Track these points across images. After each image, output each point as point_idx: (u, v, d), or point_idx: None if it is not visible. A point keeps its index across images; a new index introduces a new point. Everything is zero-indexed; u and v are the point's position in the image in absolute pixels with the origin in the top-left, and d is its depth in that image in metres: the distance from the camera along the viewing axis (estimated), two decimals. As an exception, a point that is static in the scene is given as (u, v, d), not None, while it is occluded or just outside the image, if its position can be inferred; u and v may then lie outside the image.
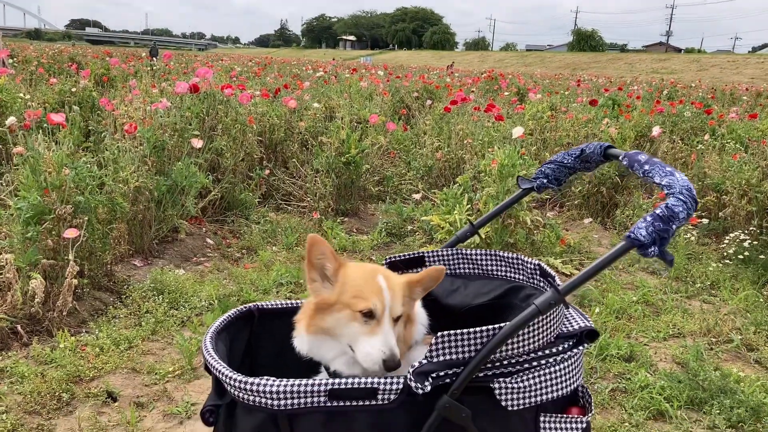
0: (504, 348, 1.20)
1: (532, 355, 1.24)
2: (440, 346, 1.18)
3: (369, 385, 1.16)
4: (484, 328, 1.18)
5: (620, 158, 1.40)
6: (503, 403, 1.21)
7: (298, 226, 4.99)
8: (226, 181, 5.01)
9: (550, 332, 1.26)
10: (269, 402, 1.14)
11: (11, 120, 4.43)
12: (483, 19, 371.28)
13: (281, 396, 1.13)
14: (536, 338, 1.23)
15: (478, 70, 47.16)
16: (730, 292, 4.03)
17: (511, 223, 3.90)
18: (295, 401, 1.14)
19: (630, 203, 5.39)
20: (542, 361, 1.24)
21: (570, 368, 1.28)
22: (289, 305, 1.60)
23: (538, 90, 13.87)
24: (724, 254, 4.58)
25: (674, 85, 19.58)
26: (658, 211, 1.16)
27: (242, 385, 1.15)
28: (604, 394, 2.72)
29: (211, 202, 4.90)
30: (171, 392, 2.60)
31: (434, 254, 1.67)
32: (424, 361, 1.18)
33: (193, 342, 2.86)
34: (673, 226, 1.16)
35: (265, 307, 1.58)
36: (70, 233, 3.03)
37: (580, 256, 4.68)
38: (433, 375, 1.16)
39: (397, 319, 1.35)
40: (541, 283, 1.49)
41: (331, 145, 5.58)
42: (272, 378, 1.15)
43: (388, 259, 1.65)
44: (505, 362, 1.22)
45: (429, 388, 1.15)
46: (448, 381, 1.18)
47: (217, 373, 1.21)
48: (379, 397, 1.16)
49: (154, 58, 23.76)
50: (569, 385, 1.28)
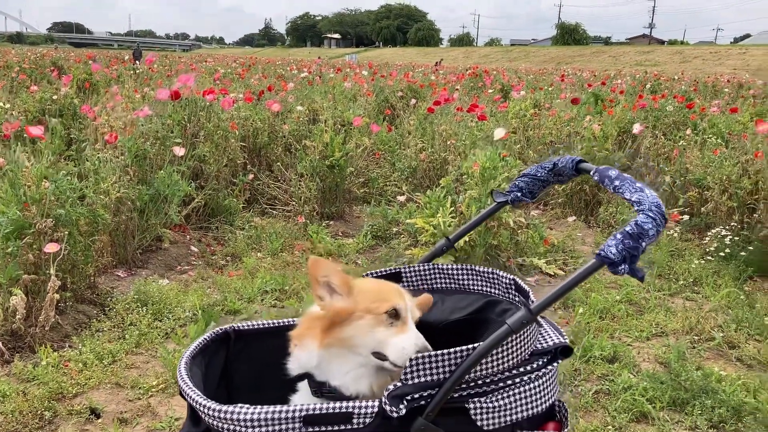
0: (478, 368, 1.20)
1: (507, 373, 1.24)
2: (414, 368, 1.18)
3: (344, 410, 1.16)
4: (458, 349, 1.18)
5: (591, 173, 1.41)
6: (479, 423, 1.21)
7: (283, 231, 4.98)
8: (210, 188, 4.99)
9: (524, 350, 1.27)
10: (244, 430, 1.14)
11: (-11, 132, 4.41)
12: (467, 14, 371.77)
13: (255, 424, 1.13)
14: (510, 357, 1.24)
15: (464, 66, 47.22)
16: (712, 288, 4.07)
17: (494, 225, 3.91)
18: (270, 428, 1.14)
19: (613, 200, 5.43)
20: (517, 380, 1.25)
21: (545, 385, 1.28)
22: (267, 325, 1.60)
23: (522, 86, 13.92)
24: (707, 250, 4.61)
25: (657, 78, 19.70)
26: (627, 229, 1.17)
27: (216, 414, 1.15)
28: (588, 396, 2.74)
29: (194, 210, 4.89)
30: (155, 407, 2.59)
31: (411, 269, 1.68)
32: (399, 384, 1.18)
33: (176, 355, 2.84)
34: (643, 244, 1.17)
35: (241, 328, 1.57)
36: (51, 248, 3.00)
37: (565, 256, 4.71)
38: (408, 398, 1.16)
39: None
40: (517, 298, 1.50)
41: (315, 149, 5.57)
42: (246, 405, 1.15)
43: (365, 274, 1.65)
44: (479, 382, 1.23)
45: (404, 412, 1.15)
46: (423, 403, 1.19)
47: (191, 401, 1.21)
48: (354, 421, 1.16)
49: (137, 61, 23.63)
50: (545, 402, 1.29)
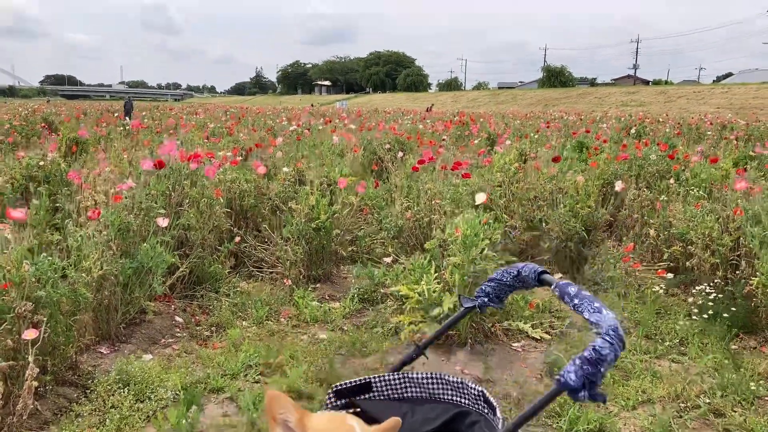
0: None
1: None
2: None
3: None
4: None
5: (552, 287, 1.43)
6: None
7: (269, 298, 4.96)
8: (195, 256, 4.99)
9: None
10: None
11: (-26, 206, 4.41)
12: (455, 59, 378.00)
13: None
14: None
15: (452, 110, 47.92)
16: (698, 349, 4.06)
17: (478, 293, 3.91)
18: None
19: (598, 258, 5.45)
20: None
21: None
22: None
23: (508, 134, 14.11)
24: (692, 308, 4.62)
25: (642, 121, 20.01)
26: (586, 354, 1.18)
27: None
28: (574, 475, 2.71)
29: (179, 279, 4.87)
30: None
31: (381, 379, 1.67)
32: None
33: (156, 442, 2.80)
34: (602, 369, 1.18)
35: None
36: (30, 335, 2.98)
37: (551, 317, 4.70)
38: None
39: None
40: (485, 410, 1.50)
41: (300, 212, 5.59)
42: None
43: (335, 387, 1.65)
44: None
45: None
46: None
47: None
48: None
49: (127, 117, 23.87)
50: None
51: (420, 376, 1.64)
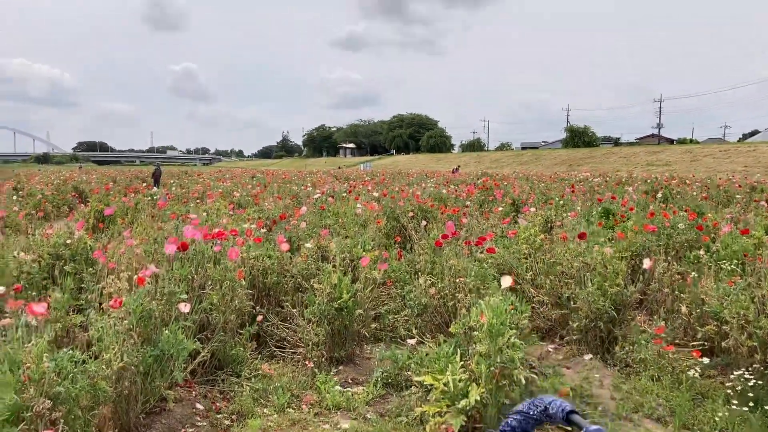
0: None
1: None
2: None
3: None
4: None
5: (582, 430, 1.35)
6: None
7: (290, 383, 4.87)
8: (216, 340, 4.93)
9: None
10: None
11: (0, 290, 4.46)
12: (477, 120, 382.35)
13: None
14: None
15: (476, 171, 48.16)
16: (740, 442, 3.85)
17: (506, 384, 3.79)
18: None
19: (629, 337, 5.28)
20: None
21: None
22: None
23: (532, 199, 14.05)
24: (731, 394, 4.41)
25: (668, 184, 19.82)
26: None
27: None
28: None
29: (200, 364, 4.81)
30: None
31: None
32: None
33: None
34: None
35: None
36: (46, 437, 2.93)
37: (582, 403, 4.53)
38: None
39: None
40: None
41: (322, 291, 5.54)
42: None
43: None
44: None
45: None
46: None
47: None
48: None
49: (156, 184, 24.36)
50: None
51: None
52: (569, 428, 1.45)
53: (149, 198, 14.39)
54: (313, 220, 9.63)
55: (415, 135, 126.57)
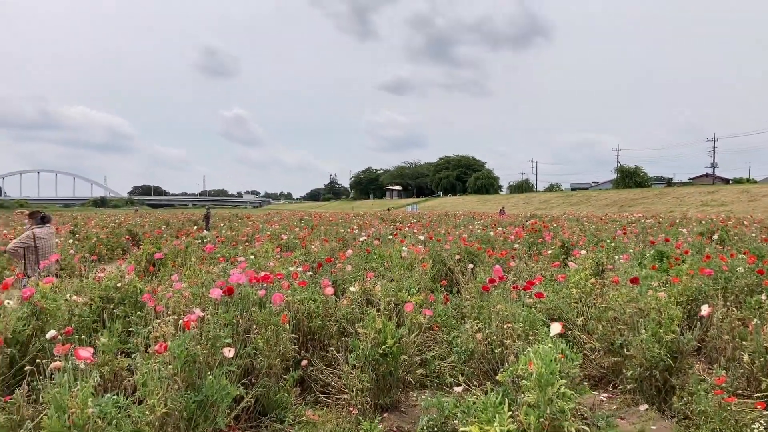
0: None
1: None
2: None
3: None
4: None
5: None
6: None
7: (335, 431, 4.78)
8: (260, 385, 4.90)
9: None
10: None
11: (51, 334, 4.55)
12: (525, 161, 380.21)
13: None
14: None
15: (524, 212, 47.69)
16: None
17: (557, 437, 3.62)
18: None
19: (687, 387, 5.02)
20: None
21: None
22: None
23: (583, 242, 13.73)
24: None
25: (725, 225, 19.17)
26: None
27: None
28: None
29: (244, 409, 4.78)
30: None
31: None
32: None
33: None
34: None
35: None
36: (88, 484, 2.92)
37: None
38: None
39: None
40: None
41: (367, 336, 5.47)
42: None
43: None
44: None
45: None
46: None
47: None
48: None
49: (207, 227, 24.87)
50: None
51: None
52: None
53: (199, 241, 14.65)
54: (359, 262, 9.63)
55: (462, 176, 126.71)
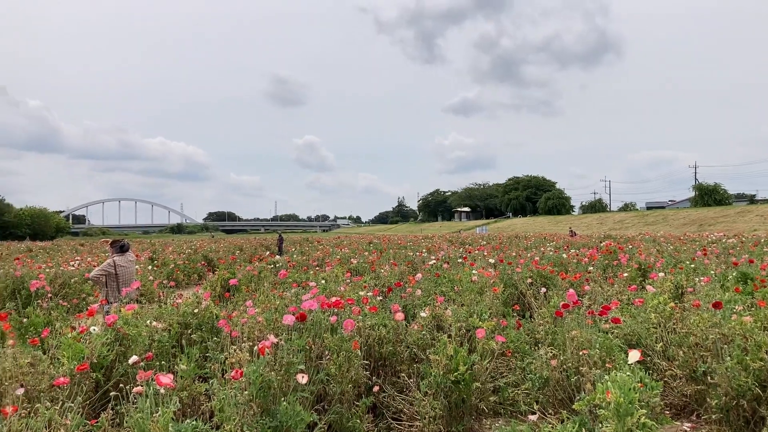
0: None
1: None
2: None
3: None
4: None
5: None
6: None
7: (407, 458, 4.75)
8: (333, 411, 4.94)
9: None
10: None
11: (134, 359, 4.74)
12: (597, 181, 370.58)
13: None
14: None
15: (598, 233, 46.43)
16: None
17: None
18: None
19: (779, 419, 4.75)
20: None
21: None
22: None
23: (660, 264, 13.25)
24: None
25: (815, 244, 18.12)
26: None
27: None
28: None
29: (317, 436, 4.81)
30: None
31: None
32: None
33: None
34: None
35: None
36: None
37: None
38: None
39: None
40: None
41: (438, 362, 5.44)
42: None
43: None
44: None
45: None
46: None
47: None
48: None
49: (279, 251, 25.40)
50: None
51: None
52: None
53: (272, 265, 14.97)
54: (429, 287, 9.60)
55: (532, 197, 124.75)
